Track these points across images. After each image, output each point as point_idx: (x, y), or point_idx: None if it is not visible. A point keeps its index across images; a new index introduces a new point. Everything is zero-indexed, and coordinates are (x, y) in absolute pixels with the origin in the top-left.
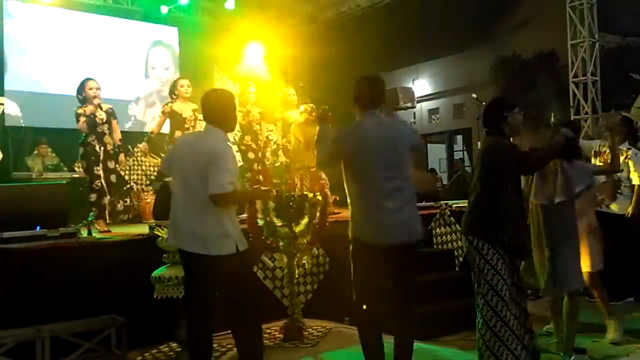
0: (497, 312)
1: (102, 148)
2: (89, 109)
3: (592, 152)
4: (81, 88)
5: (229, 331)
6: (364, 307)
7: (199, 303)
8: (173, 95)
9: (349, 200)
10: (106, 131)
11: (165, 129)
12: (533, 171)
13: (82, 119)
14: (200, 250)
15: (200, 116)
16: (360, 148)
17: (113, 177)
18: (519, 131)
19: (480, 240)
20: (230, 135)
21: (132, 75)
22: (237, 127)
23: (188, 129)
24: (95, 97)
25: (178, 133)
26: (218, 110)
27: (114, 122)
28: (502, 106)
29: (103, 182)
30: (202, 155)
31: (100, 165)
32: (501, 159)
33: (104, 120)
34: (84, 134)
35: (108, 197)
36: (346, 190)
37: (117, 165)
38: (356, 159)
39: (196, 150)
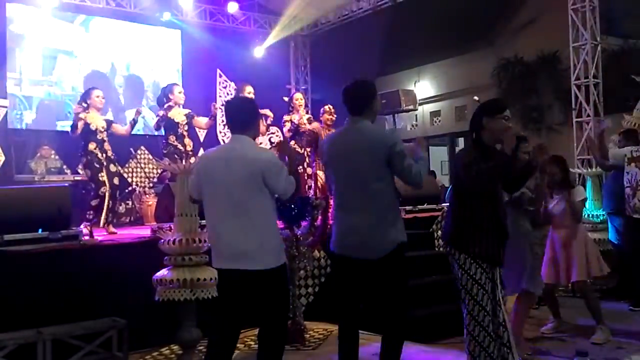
0: (476, 319)
1: (104, 155)
2: (89, 116)
3: (625, 159)
4: (87, 96)
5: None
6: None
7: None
8: (165, 100)
9: None
10: (105, 139)
11: None
12: (487, 188)
13: (80, 123)
14: (256, 266)
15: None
16: (329, 155)
17: (116, 180)
18: (499, 138)
19: (456, 250)
20: (219, 136)
21: (134, 79)
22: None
23: (181, 134)
24: (101, 105)
25: (172, 138)
26: (246, 120)
27: (114, 125)
28: (483, 110)
29: (108, 187)
30: (248, 167)
31: (104, 170)
32: (460, 178)
33: (105, 129)
34: (83, 143)
35: (111, 200)
36: None
37: (118, 168)
38: (327, 166)
39: (237, 163)
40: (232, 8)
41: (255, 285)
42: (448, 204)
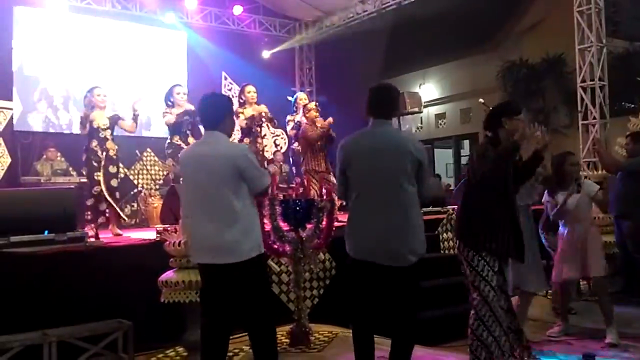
0: (482, 318)
1: (105, 154)
2: (92, 114)
3: None
4: (89, 95)
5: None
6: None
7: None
8: (169, 102)
9: None
10: (108, 137)
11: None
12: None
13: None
14: (230, 260)
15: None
16: (354, 158)
17: (114, 182)
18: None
19: (465, 247)
20: None
21: (140, 80)
22: (237, 128)
23: (185, 132)
24: (103, 104)
25: (176, 137)
26: (217, 115)
27: (121, 122)
28: (503, 110)
29: (103, 187)
30: (220, 163)
31: (102, 170)
32: (474, 168)
33: (107, 126)
34: (87, 140)
35: (110, 200)
36: None
37: (119, 170)
38: (350, 168)
39: (209, 159)
40: (237, 11)
41: (227, 278)
42: (459, 202)
